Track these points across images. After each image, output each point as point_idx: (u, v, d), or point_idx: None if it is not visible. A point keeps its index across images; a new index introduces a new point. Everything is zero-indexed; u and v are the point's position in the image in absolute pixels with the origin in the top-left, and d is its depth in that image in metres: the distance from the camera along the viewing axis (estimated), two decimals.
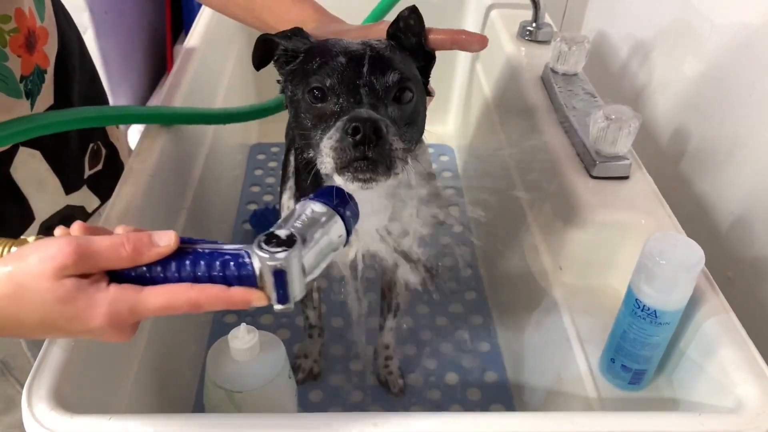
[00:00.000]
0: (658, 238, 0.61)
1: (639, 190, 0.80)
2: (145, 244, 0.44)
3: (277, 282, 0.43)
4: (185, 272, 0.44)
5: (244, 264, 0.44)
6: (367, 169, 0.53)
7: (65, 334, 0.46)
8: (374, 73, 0.57)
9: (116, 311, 0.44)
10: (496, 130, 1.13)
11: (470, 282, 1.17)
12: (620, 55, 1.35)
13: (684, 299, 0.62)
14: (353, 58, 0.58)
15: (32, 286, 0.43)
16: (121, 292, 0.44)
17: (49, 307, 0.43)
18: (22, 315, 0.44)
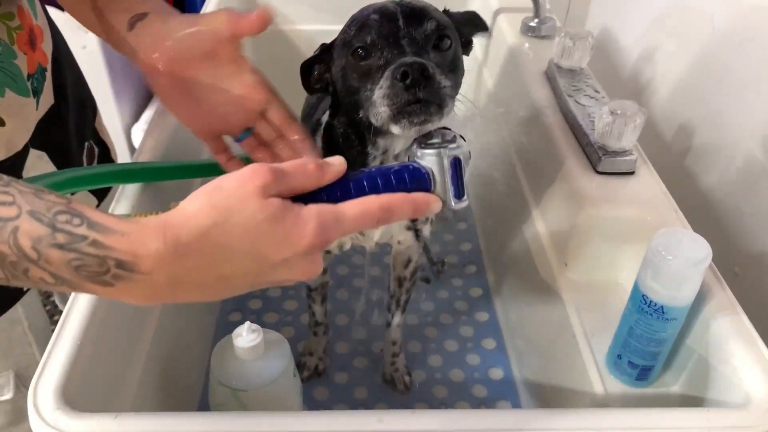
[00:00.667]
0: (664, 234, 0.61)
1: (645, 186, 0.79)
2: (323, 164, 0.46)
3: (454, 174, 0.45)
4: (364, 191, 0.45)
5: (417, 170, 0.45)
6: (421, 111, 0.54)
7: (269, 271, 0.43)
8: (411, 24, 0.58)
9: (324, 223, 0.42)
10: (500, 125, 1.13)
11: (475, 278, 1.17)
12: (624, 51, 1.35)
13: (691, 295, 0.62)
14: (386, 14, 0.60)
15: (241, 208, 0.41)
16: (321, 206, 0.43)
17: (260, 228, 0.41)
18: (232, 243, 0.41)
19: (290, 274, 0.44)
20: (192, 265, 0.40)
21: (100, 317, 0.64)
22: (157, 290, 0.41)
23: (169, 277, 0.40)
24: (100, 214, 0.40)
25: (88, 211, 0.40)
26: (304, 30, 1.39)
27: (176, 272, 0.40)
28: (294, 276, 0.44)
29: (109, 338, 0.67)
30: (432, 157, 0.45)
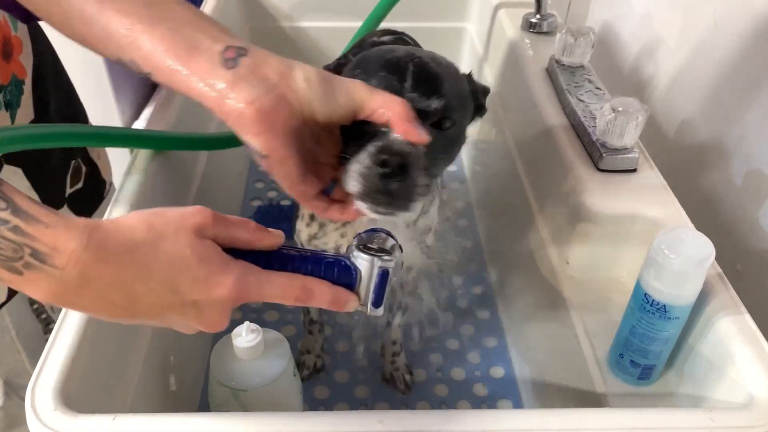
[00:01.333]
0: (667, 232, 0.61)
1: (647, 183, 0.79)
2: (264, 231, 0.46)
3: (379, 284, 0.47)
4: (292, 268, 0.46)
5: (347, 268, 0.47)
6: (388, 203, 0.52)
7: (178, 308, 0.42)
8: (417, 91, 0.54)
9: (246, 281, 0.43)
10: (501, 122, 1.12)
11: (476, 276, 1.16)
12: (626, 47, 1.34)
13: (694, 294, 0.61)
14: (395, 72, 0.55)
15: (174, 238, 0.41)
16: (249, 265, 0.44)
17: (186, 262, 0.41)
18: (154, 267, 0.41)
19: (196, 320, 0.43)
20: (107, 273, 0.40)
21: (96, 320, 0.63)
22: (64, 289, 0.39)
23: (80, 279, 0.39)
24: (30, 202, 0.40)
25: (18, 197, 0.40)
26: (303, 27, 1.39)
27: (88, 276, 0.39)
28: (199, 323, 0.44)
29: (108, 338, 0.67)
30: (365, 262, 0.46)
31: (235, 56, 0.47)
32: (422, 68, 0.55)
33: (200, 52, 0.47)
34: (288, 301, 0.45)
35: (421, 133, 0.50)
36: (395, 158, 0.50)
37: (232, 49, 0.47)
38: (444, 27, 1.42)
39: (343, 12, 1.29)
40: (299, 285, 0.45)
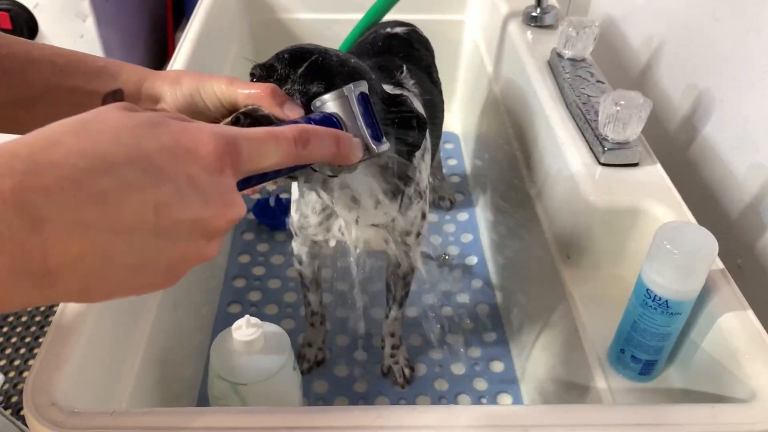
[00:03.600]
0: (669, 227, 0.60)
1: (649, 177, 0.78)
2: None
3: (365, 112, 0.41)
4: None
5: (326, 118, 0.40)
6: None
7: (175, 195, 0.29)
8: (302, 77, 0.53)
9: (224, 132, 0.32)
10: (502, 116, 1.12)
11: (476, 269, 1.16)
12: (627, 39, 1.33)
13: (696, 289, 0.61)
14: (297, 55, 0.55)
15: (101, 118, 0.30)
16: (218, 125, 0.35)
17: (137, 131, 0.29)
18: (101, 149, 0.28)
19: (206, 206, 0.31)
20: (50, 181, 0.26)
21: (95, 311, 0.63)
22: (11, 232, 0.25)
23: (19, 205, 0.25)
24: None
25: None
26: (302, 19, 1.38)
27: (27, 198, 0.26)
28: (213, 209, 0.31)
29: (105, 332, 0.66)
30: (336, 100, 0.40)
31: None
32: (324, 57, 0.54)
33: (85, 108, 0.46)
34: (285, 145, 0.36)
35: (291, 108, 0.49)
36: (246, 119, 0.48)
37: (109, 99, 0.48)
38: (444, 19, 1.41)
39: (343, 3, 1.28)
40: (290, 129, 0.37)
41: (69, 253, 0.27)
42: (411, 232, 0.80)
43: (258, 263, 1.16)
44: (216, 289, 1.10)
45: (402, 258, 0.86)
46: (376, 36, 0.96)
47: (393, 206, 0.73)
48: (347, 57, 0.58)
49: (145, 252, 0.29)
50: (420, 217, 0.80)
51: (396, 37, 0.94)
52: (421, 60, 0.93)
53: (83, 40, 1.60)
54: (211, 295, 1.08)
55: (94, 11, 1.57)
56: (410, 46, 0.92)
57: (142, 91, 0.53)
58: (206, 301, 1.05)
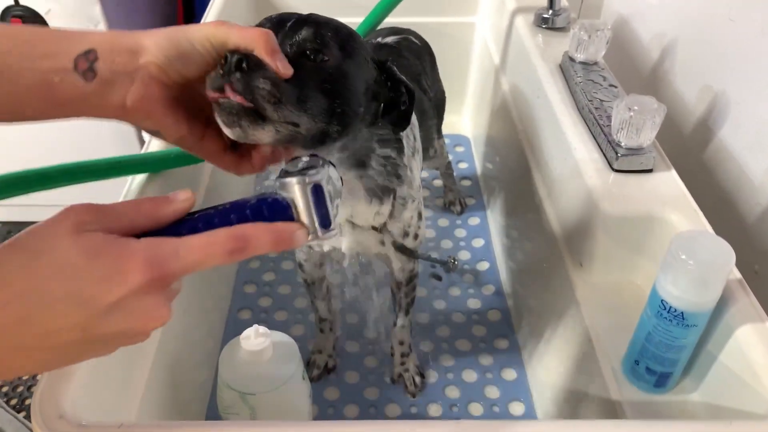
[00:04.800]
0: (684, 236, 0.59)
1: (663, 184, 0.77)
2: (162, 201, 0.41)
3: (316, 202, 0.41)
4: (215, 222, 0.40)
5: (276, 201, 0.41)
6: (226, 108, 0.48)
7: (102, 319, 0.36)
8: (293, 29, 0.54)
9: (157, 255, 0.36)
10: (512, 121, 1.10)
11: (487, 275, 1.15)
12: (641, 41, 1.31)
13: (713, 300, 0.59)
14: (284, 17, 0.56)
15: (52, 247, 0.35)
16: (153, 238, 0.37)
17: (77, 266, 0.35)
18: (45, 286, 0.34)
19: (130, 321, 0.37)
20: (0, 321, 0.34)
21: None
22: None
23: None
24: None
25: None
26: None
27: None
28: (135, 323, 0.37)
29: None
30: (291, 186, 0.41)
31: (87, 66, 0.46)
32: (309, 16, 0.56)
33: (58, 83, 0.45)
34: (221, 258, 0.39)
35: (283, 63, 0.49)
36: (235, 55, 0.47)
37: (82, 60, 0.46)
38: (454, 22, 1.40)
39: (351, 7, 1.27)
40: (227, 236, 0.39)
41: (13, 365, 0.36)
42: (408, 233, 0.79)
43: (268, 269, 1.16)
44: (226, 294, 1.10)
45: (403, 262, 0.85)
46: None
47: (385, 207, 0.73)
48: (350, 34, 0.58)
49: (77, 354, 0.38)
50: (416, 218, 0.79)
51: (385, 47, 0.95)
52: (409, 68, 0.93)
53: None
54: (222, 301, 1.07)
55: (105, 16, 1.58)
56: (398, 55, 0.92)
57: (116, 47, 0.47)
58: (216, 307, 1.05)
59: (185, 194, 0.41)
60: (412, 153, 0.78)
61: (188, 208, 0.41)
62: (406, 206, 0.76)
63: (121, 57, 0.47)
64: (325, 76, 0.54)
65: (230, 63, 0.47)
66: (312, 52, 0.53)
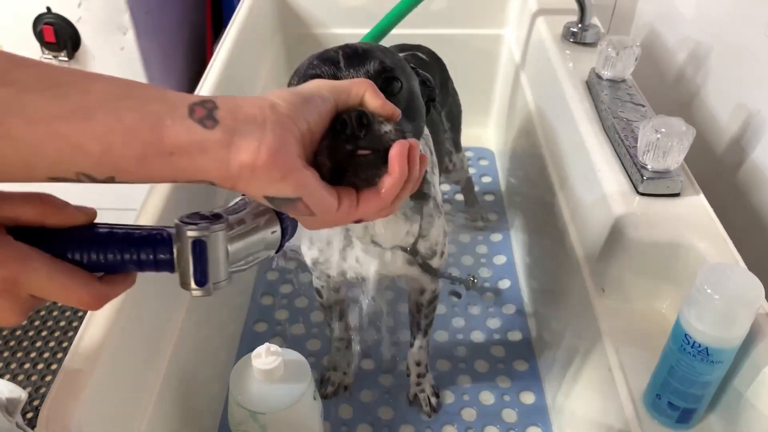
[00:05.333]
0: (711, 269, 0.56)
1: (691, 209, 0.74)
2: (58, 203, 0.39)
3: (195, 256, 0.40)
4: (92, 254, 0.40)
5: (162, 242, 0.40)
6: (366, 164, 0.46)
7: None
8: (353, 65, 0.56)
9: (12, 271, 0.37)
10: (537, 137, 1.08)
11: (508, 293, 1.12)
12: (673, 56, 1.28)
13: (740, 337, 0.57)
14: (327, 58, 0.57)
15: None
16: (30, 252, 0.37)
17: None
18: None
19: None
20: None
21: (117, 332, 0.62)
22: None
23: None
24: None
25: None
26: (336, 34, 1.36)
27: None
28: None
29: (125, 358, 0.66)
30: (180, 233, 0.40)
31: (206, 113, 0.38)
32: (351, 48, 0.57)
33: (169, 126, 0.37)
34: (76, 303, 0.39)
35: (392, 104, 0.47)
36: (351, 113, 0.45)
37: (199, 108, 0.38)
38: (482, 34, 1.38)
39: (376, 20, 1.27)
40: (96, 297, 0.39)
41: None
42: (436, 251, 0.77)
43: (285, 280, 1.15)
44: (243, 306, 1.09)
45: (426, 283, 0.83)
46: None
47: (415, 226, 0.72)
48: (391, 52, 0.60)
49: None
50: (442, 235, 0.77)
51: None
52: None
53: (123, 53, 1.62)
54: (238, 312, 1.07)
55: (134, 24, 1.59)
56: None
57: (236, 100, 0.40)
58: (232, 319, 1.04)
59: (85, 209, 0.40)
60: (431, 168, 0.77)
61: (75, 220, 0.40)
62: (433, 223, 0.74)
63: (246, 109, 0.39)
64: (407, 103, 0.57)
65: (352, 122, 0.45)
66: (390, 84, 0.56)
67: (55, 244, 0.39)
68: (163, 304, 0.77)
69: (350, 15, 1.33)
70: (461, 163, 1.12)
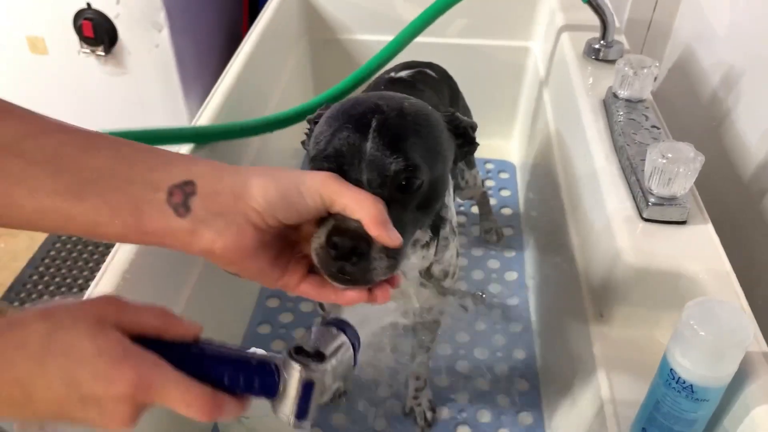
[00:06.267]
0: (699, 304, 0.54)
1: (696, 238, 0.71)
2: (174, 318, 0.43)
3: (303, 394, 0.42)
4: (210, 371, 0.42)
5: (270, 374, 0.42)
6: (346, 281, 0.48)
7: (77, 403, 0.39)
8: (379, 149, 0.50)
9: (148, 380, 0.39)
10: (553, 155, 1.06)
11: (516, 311, 1.10)
12: (706, 78, 1.24)
13: (727, 376, 0.54)
14: (358, 128, 0.51)
15: (71, 326, 0.38)
16: (157, 361, 0.40)
17: (82, 354, 0.38)
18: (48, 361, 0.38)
19: (98, 417, 0.39)
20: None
21: None
22: None
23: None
24: None
25: None
26: (361, 40, 1.37)
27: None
28: (101, 421, 0.39)
29: None
30: (290, 369, 0.42)
31: (182, 199, 0.43)
32: (384, 125, 0.52)
33: (147, 210, 0.43)
34: (194, 414, 0.41)
35: (393, 236, 0.46)
36: (346, 242, 0.46)
37: (178, 192, 0.43)
38: (509, 46, 1.36)
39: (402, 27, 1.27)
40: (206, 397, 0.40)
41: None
42: (448, 273, 0.77)
43: None
44: (248, 307, 1.10)
45: (434, 303, 0.83)
46: (378, 81, 0.95)
47: (431, 250, 0.71)
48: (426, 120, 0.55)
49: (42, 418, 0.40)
50: (455, 256, 0.77)
51: (399, 82, 0.92)
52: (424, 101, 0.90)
53: (158, 50, 1.66)
54: (243, 313, 1.08)
55: (169, 23, 1.63)
56: (413, 88, 0.90)
57: (219, 186, 0.45)
58: (236, 319, 1.05)
59: (195, 326, 0.43)
60: (449, 190, 0.76)
61: (194, 336, 0.43)
62: (448, 246, 0.74)
63: (222, 198, 0.44)
64: (420, 199, 0.53)
65: (344, 252, 0.46)
66: (409, 183, 0.51)
67: (175, 356, 0.41)
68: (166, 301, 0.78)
69: (376, 21, 1.33)
70: (474, 180, 1.11)
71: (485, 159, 1.43)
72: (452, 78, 1.03)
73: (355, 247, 0.46)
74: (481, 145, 1.31)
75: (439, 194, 0.56)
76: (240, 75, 1.02)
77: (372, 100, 0.54)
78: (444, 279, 0.76)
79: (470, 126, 0.61)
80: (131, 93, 1.74)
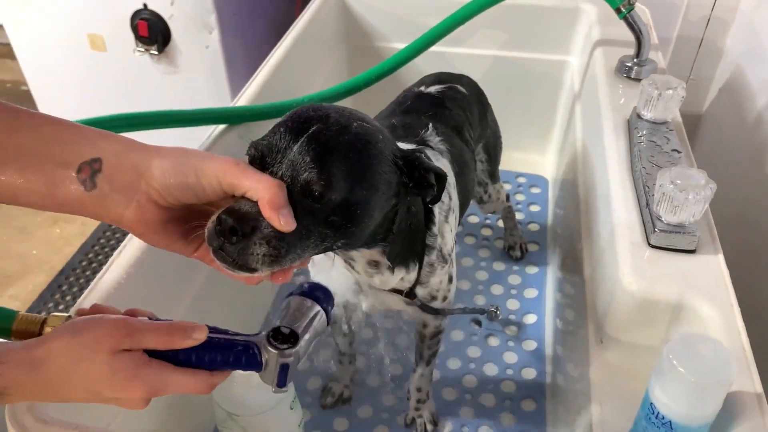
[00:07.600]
0: (680, 340, 0.52)
1: (703, 269, 0.68)
2: (177, 332, 0.50)
3: (281, 373, 0.52)
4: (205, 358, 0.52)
5: (254, 356, 0.52)
6: (223, 259, 0.50)
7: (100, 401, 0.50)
8: (301, 155, 0.51)
9: (154, 384, 0.49)
10: (578, 172, 1.04)
11: (531, 329, 1.08)
12: (755, 99, 1.19)
13: (708, 415, 0.52)
14: (295, 131, 0.53)
15: (90, 359, 0.47)
16: (161, 367, 0.49)
17: (101, 377, 0.48)
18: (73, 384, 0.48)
19: (119, 405, 0.50)
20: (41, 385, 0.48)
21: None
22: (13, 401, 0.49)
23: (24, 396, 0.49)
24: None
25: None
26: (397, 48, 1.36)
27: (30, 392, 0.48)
28: (121, 406, 0.50)
29: None
30: (271, 355, 0.52)
31: (89, 175, 0.49)
32: (317, 136, 0.52)
33: (60, 185, 0.49)
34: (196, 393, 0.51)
35: (286, 220, 0.49)
36: (228, 220, 0.48)
37: (86, 168, 0.49)
38: (548, 59, 1.34)
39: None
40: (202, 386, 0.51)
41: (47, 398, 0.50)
42: (436, 297, 0.77)
43: None
44: (266, 303, 1.12)
45: (428, 319, 0.83)
46: (406, 95, 0.95)
47: (411, 274, 0.72)
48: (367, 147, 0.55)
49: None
50: (446, 281, 0.77)
51: (427, 97, 0.92)
52: (451, 119, 0.89)
53: (208, 51, 1.71)
54: (251, 317, 1.09)
55: (220, 24, 1.68)
56: (440, 105, 0.90)
57: (123, 163, 0.50)
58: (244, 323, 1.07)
59: (199, 333, 0.50)
60: (444, 217, 0.76)
61: (195, 344, 0.50)
62: (434, 273, 0.74)
63: (125, 175, 0.50)
64: (329, 213, 0.53)
65: (224, 229, 0.48)
66: (317, 193, 0.51)
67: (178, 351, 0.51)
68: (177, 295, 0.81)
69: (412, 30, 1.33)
70: (497, 194, 1.09)
71: (518, 172, 1.41)
72: (483, 93, 1.02)
73: (235, 227, 0.48)
74: (515, 159, 1.30)
75: (360, 220, 0.55)
76: (267, 80, 1.04)
77: (325, 112, 0.55)
78: (432, 301, 0.77)
79: (433, 171, 0.59)
80: (181, 91, 1.81)
